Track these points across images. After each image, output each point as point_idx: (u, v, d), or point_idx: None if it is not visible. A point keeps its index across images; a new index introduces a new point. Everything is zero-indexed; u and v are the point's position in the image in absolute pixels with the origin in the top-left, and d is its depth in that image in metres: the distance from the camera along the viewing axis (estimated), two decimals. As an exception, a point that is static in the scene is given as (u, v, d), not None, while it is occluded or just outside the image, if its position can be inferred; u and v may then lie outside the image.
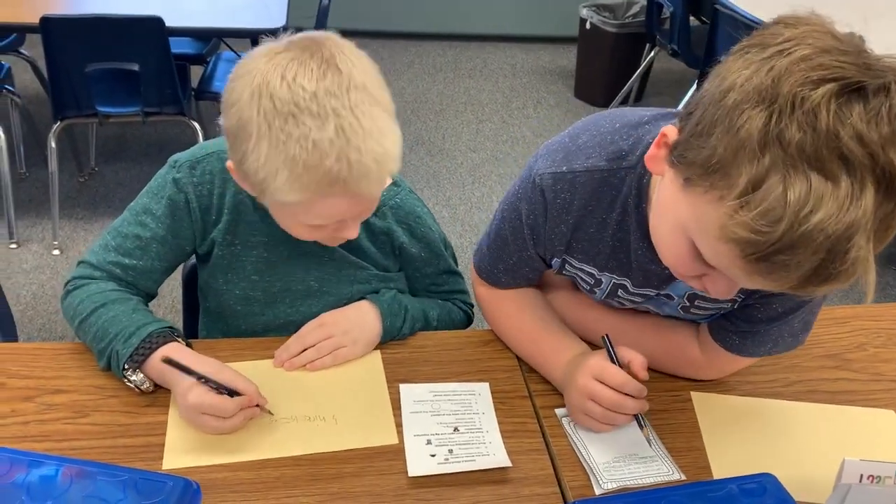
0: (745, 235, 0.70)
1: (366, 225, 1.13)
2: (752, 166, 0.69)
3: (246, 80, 0.91)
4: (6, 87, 2.71)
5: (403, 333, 1.17)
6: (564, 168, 0.97)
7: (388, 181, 0.99)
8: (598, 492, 0.96)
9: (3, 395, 1.02)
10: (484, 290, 1.18)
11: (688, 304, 1.05)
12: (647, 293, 1.05)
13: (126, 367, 1.01)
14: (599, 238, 1.00)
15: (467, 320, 1.31)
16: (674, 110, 0.98)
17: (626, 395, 0.98)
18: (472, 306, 1.31)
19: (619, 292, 1.06)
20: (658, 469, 0.99)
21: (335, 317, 1.14)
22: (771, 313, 1.01)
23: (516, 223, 1.05)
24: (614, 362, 1.00)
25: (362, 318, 1.15)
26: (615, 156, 0.95)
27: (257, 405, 1.00)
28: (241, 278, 1.15)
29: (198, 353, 1.03)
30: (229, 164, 0.99)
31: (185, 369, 0.98)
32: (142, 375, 1.02)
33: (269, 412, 1.02)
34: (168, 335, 1.03)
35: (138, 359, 1.01)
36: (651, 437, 1.01)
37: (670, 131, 0.80)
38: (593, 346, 1.11)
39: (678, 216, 0.80)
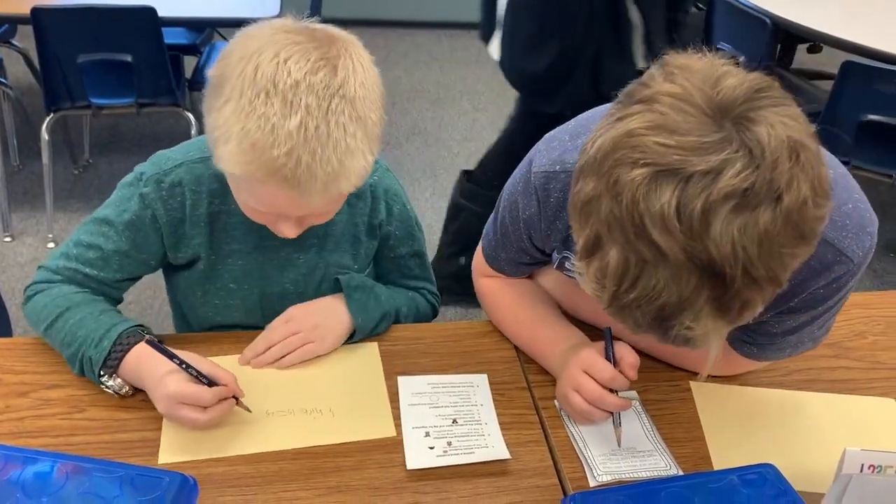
0: (590, 292, 0.73)
1: (347, 206, 1.10)
2: (584, 232, 0.70)
3: (244, 42, 0.89)
4: (-2, 79, 2.69)
5: (375, 331, 1.14)
6: (558, 167, 0.96)
7: (340, 201, 0.97)
8: (592, 483, 0.95)
9: (-3, 391, 1.01)
10: (484, 281, 1.18)
11: None
12: None
13: (102, 373, 0.99)
14: None
15: (433, 313, 1.28)
16: None
17: (612, 391, 0.98)
18: (439, 298, 1.30)
19: None
20: (655, 463, 0.98)
21: (304, 310, 1.11)
22: (785, 328, 0.99)
23: (514, 215, 1.04)
24: (609, 357, 1.00)
25: (331, 311, 1.12)
26: None
27: (235, 398, 0.97)
28: (218, 288, 1.12)
29: (172, 349, 0.99)
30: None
31: (168, 353, 0.95)
32: (119, 380, 0.99)
33: (247, 409, 0.99)
34: (138, 334, 1.00)
35: (112, 363, 0.98)
36: (622, 438, 1.00)
37: None
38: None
39: None
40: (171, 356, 0.95)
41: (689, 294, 0.66)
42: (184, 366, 0.95)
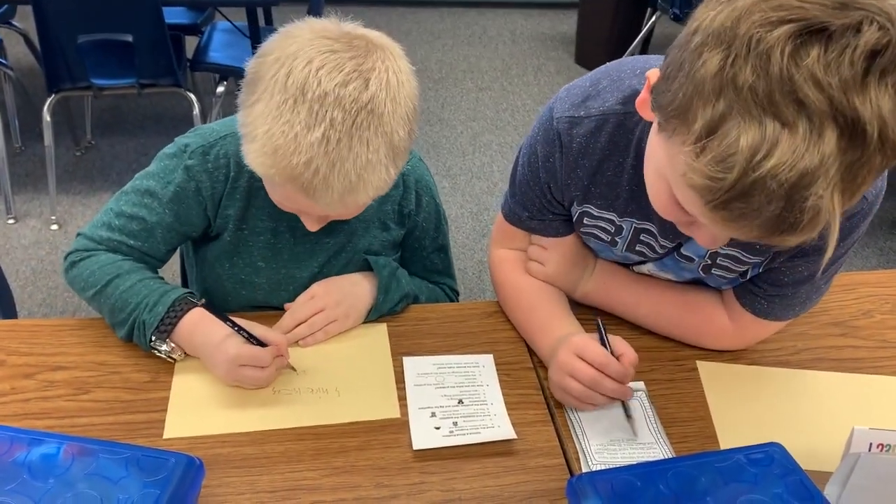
0: (701, 182, 0.69)
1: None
2: (707, 111, 0.67)
3: (283, 42, 0.90)
4: (-2, 59, 2.68)
5: (393, 311, 1.16)
6: (582, 112, 0.96)
7: (361, 207, 0.99)
8: (584, 471, 0.95)
9: (3, 373, 1.01)
10: (498, 252, 1.18)
11: (709, 262, 1.03)
12: (667, 245, 1.03)
13: (153, 337, 1.01)
14: (617, 183, 0.99)
15: None
16: None
17: (608, 376, 0.98)
18: (458, 294, 1.32)
19: (642, 237, 1.04)
20: (654, 456, 0.97)
21: (327, 287, 1.12)
22: (797, 276, 1.00)
23: (535, 166, 1.03)
24: (603, 344, 0.99)
25: (354, 288, 1.13)
26: (630, 99, 0.93)
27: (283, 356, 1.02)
28: (246, 263, 1.13)
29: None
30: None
31: (225, 318, 1.00)
32: (173, 345, 1.02)
33: (293, 368, 1.04)
34: (189, 301, 1.03)
35: (165, 328, 1.01)
36: (637, 428, 1.00)
37: (653, 74, 0.78)
38: (617, 320, 1.11)
39: (658, 161, 0.79)
40: (227, 320, 1.00)
41: (832, 156, 0.64)
42: (236, 328, 0.99)
